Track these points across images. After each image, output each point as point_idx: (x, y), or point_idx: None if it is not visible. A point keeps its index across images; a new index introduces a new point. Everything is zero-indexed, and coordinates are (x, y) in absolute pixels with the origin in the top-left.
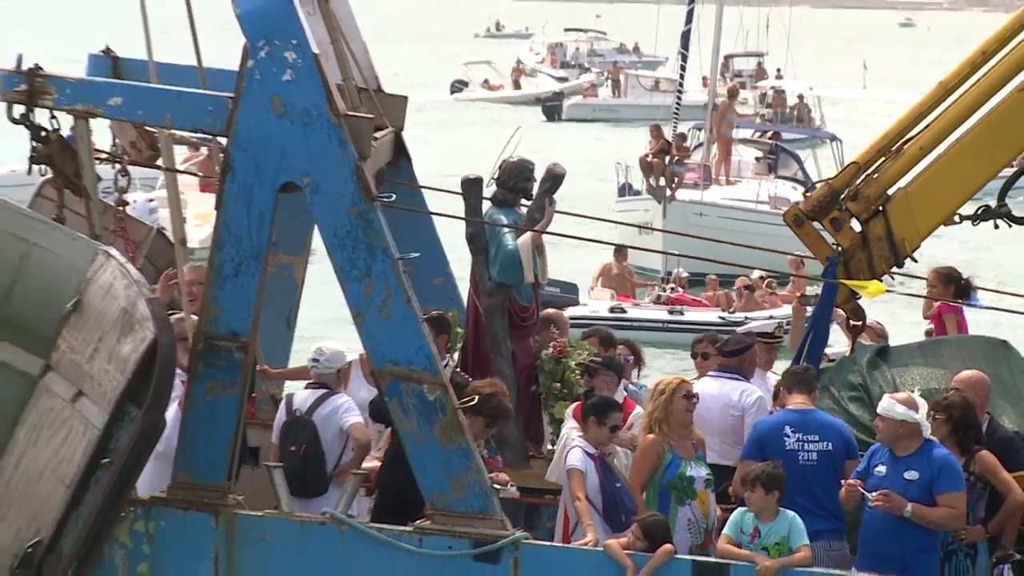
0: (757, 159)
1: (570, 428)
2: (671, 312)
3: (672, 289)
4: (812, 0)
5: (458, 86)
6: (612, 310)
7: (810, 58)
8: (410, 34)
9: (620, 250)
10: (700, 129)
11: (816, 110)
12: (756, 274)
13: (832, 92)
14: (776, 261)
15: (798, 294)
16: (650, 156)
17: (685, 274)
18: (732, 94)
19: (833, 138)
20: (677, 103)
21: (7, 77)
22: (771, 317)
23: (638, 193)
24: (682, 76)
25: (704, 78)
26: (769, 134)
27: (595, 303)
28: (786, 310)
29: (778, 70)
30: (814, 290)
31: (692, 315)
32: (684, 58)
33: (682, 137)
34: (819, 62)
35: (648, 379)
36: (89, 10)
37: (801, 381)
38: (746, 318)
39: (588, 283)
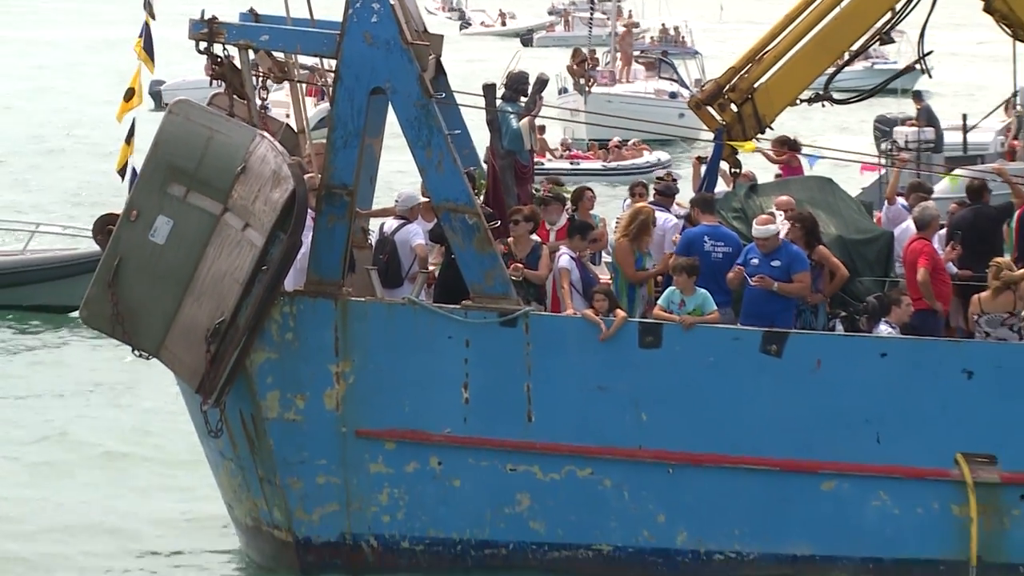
0: (647, 66)
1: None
2: (572, 163)
3: (569, 149)
4: None
5: (465, 24)
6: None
7: (678, 4)
8: None
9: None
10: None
11: (688, 37)
12: (632, 140)
13: (698, 25)
14: (655, 130)
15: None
16: (573, 66)
17: (571, 140)
18: (629, 28)
19: (696, 52)
20: (589, 34)
21: (195, 24)
22: (634, 166)
23: (567, 91)
24: (592, 17)
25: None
26: (660, 52)
27: None
28: (639, 160)
29: (630, 12)
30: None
31: (585, 164)
32: (592, 10)
33: (592, 53)
34: (684, 7)
35: None
36: None
37: (710, 206)
38: (617, 165)
39: None
